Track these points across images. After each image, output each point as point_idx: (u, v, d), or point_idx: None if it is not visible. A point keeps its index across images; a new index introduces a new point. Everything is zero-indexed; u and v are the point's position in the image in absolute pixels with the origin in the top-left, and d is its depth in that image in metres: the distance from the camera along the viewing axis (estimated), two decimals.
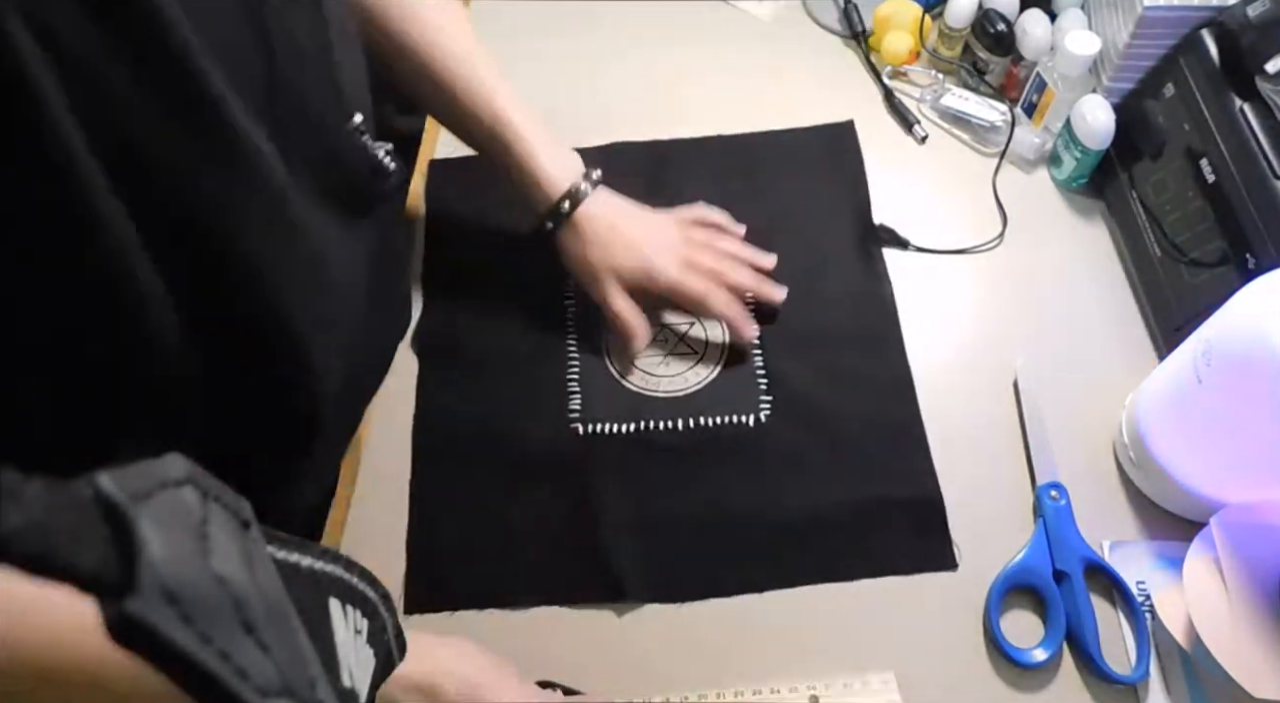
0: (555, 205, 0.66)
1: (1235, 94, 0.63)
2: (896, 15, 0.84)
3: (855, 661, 0.58)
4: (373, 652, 0.32)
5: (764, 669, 0.58)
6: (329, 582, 0.28)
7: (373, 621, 0.32)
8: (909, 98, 0.84)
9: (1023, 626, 0.59)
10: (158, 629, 0.20)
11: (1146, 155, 0.71)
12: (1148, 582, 0.60)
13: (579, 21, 0.89)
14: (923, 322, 0.72)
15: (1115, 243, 0.75)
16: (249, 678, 0.22)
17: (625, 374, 0.69)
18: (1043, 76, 0.77)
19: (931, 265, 0.75)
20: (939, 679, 0.58)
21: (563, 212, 0.66)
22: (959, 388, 0.68)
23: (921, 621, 0.60)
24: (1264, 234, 0.59)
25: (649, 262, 0.67)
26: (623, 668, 0.58)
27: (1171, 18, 0.68)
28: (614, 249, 0.67)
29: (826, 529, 0.62)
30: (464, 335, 0.71)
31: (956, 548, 0.62)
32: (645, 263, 0.67)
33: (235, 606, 0.23)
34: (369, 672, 0.32)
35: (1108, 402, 0.67)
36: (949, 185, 0.79)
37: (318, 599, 0.28)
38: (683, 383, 0.69)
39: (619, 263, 0.67)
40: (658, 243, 0.68)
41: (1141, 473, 0.63)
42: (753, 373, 0.69)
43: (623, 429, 0.67)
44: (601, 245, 0.67)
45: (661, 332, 0.72)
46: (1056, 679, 0.57)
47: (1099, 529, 0.62)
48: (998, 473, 0.65)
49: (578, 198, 0.66)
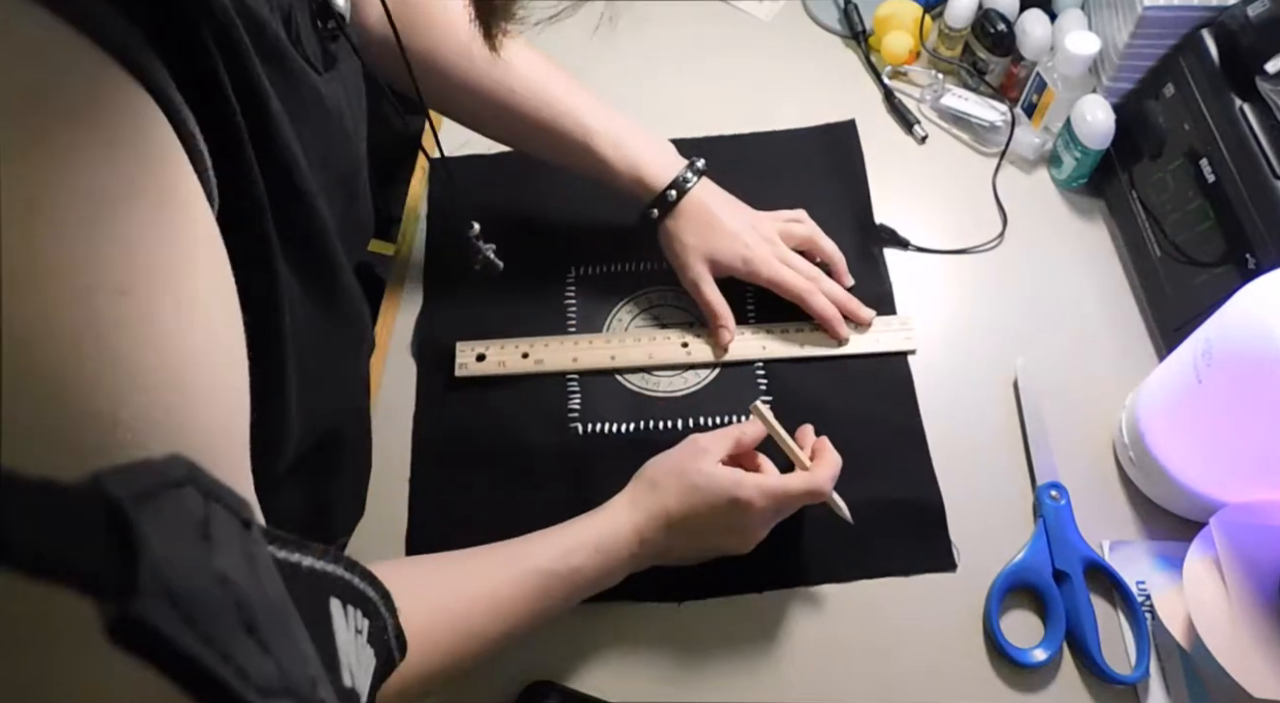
0: (661, 195, 0.68)
1: (1235, 94, 0.63)
2: (896, 15, 0.84)
3: (855, 661, 0.58)
4: (373, 652, 0.32)
5: (764, 670, 0.58)
6: (329, 582, 0.28)
7: (373, 620, 0.32)
8: (909, 98, 0.84)
9: (1023, 626, 0.59)
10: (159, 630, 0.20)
11: (1146, 155, 0.71)
12: (1148, 582, 0.60)
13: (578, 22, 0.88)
14: (923, 322, 0.72)
15: (1115, 243, 0.75)
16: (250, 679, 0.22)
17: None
18: (1043, 76, 0.77)
19: (931, 265, 0.75)
20: (939, 679, 0.58)
21: (669, 200, 0.68)
22: (959, 388, 0.68)
23: (921, 621, 0.60)
24: (1264, 234, 0.59)
25: (750, 251, 0.68)
26: (623, 668, 0.58)
27: (1171, 18, 0.68)
28: (715, 237, 0.68)
29: (826, 530, 0.62)
30: (464, 334, 0.71)
31: (956, 550, 0.62)
32: (746, 252, 0.68)
33: (236, 606, 0.23)
34: (369, 672, 0.32)
35: (1108, 402, 0.67)
36: (949, 185, 0.79)
37: (318, 599, 0.28)
38: (683, 383, 0.69)
39: (716, 250, 0.68)
40: (756, 236, 0.69)
41: (1141, 473, 0.63)
42: (752, 373, 0.69)
43: (623, 429, 0.67)
44: (702, 234, 0.68)
45: (663, 330, 0.72)
46: (1056, 679, 0.57)
47: (1099, 529, 0.62)
48: (998, 473, 0.65)
49: (684, 187, 0.68)
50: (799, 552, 0.62)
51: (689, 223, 0.69)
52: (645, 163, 0.68)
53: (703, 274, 0.69)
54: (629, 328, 0.72)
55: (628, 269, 0.75)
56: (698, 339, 0.70)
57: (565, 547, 0.54)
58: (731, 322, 0.70)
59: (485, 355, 0.69)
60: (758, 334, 0.70)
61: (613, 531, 0.55)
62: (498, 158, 0.78)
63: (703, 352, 0.70)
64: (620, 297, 0.74)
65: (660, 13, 0.90)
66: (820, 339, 0.70)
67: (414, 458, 0.66)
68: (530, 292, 0.73)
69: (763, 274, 0.68)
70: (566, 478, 0.65)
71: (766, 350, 0.70)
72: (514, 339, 0.70)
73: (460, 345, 0.70)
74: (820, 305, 0.69)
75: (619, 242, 0.75)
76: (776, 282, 0.69)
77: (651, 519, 0.56)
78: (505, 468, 0.66)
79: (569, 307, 0.73)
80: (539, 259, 0.74)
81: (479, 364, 0.69)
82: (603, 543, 0.55)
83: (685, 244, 0.69)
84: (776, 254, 0.70)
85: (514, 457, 0.66)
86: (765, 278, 0.69)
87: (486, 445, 0.67)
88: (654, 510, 0.56)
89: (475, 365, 0.69)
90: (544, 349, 0.70)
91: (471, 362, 0.69)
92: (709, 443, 0.58)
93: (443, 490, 0.65)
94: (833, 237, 0.75)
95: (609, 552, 0.55)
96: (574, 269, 0.75)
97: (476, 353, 0.69)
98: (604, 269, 0.75)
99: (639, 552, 0.56)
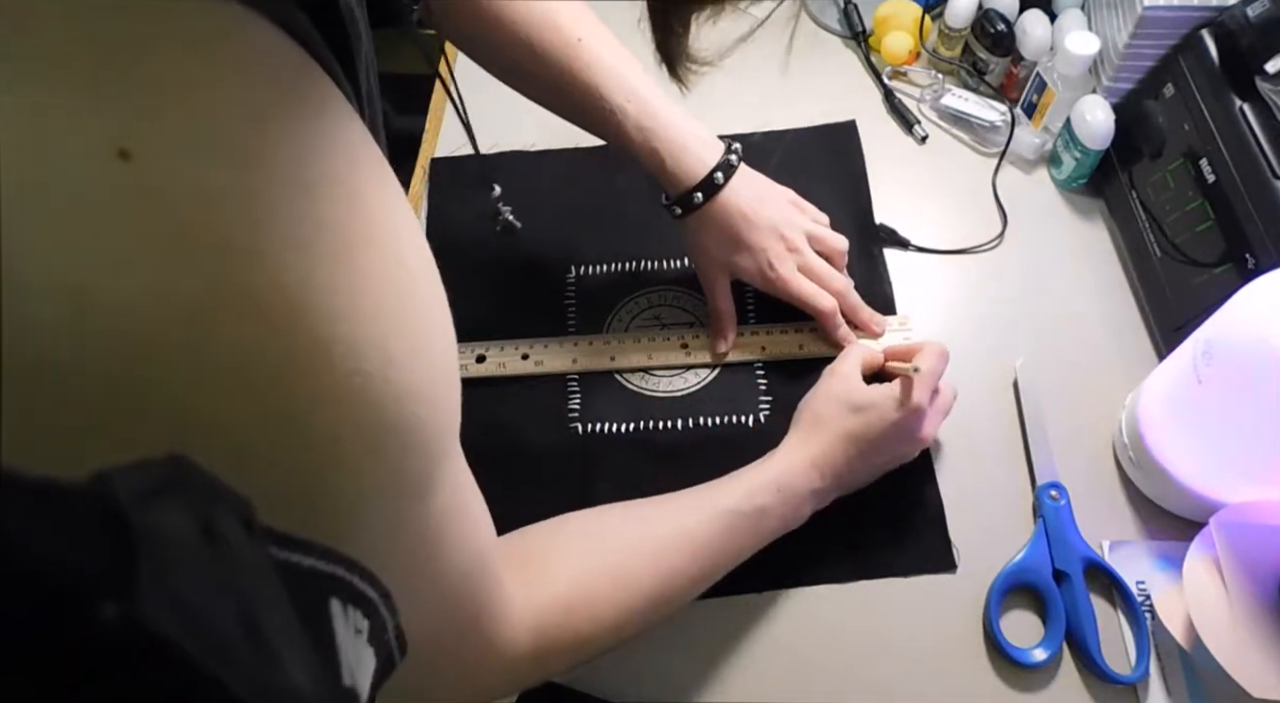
0: (687, 194, 0.65)
1: (1235, 94, 0.63)
2: (896, 15, 0.84)
3: (855, 661, 0.58)
4: (373, 652, 0.32)
5: (764, 669, 0.58)
6: (329, 582, 0.28)
7: (373, 620, 0.32)
8: (909, 98, 0.84)
9: (1023, 626, 0.59)
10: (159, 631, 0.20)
11: (1146, 155, 0.71)
12: (1148, 582, 0.60)
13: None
14: (923, 322, 0.72)
15: (1115, 243, 0.75)
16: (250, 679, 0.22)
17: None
18: (1043, 76, 0.77)
19: (931, 265, 0.75)
20: (939, 679, 0.58)
21: (694, 202, 0.65)
22: (959, 388, 0.68)
23: (921, 621, 0.60)
24: (1264, 234, 0.59)
25: (773, 269, 0.66)
26: (622, 668, 0.58)
27: (1171, 18, 0.68)
28: (738, 250, 0.66)
29: (825, 530, 0.62)
30: (463, 335, 0.71)
31: (956, 550, 0.62)
32: (768, 271, 0.66)
33: (237, 606, 0.23)
34: (369, 672, 0.32)
35: (1108, 402, 0.67)
36: (949, 185, 0.79)
37: (318, 599, 0.28)
38: (682, 383, 0.69)
39: (737, 265, 0.67)
40: (781, 248, 0.67)
41: (1141, 473, 0.63)
42: (752, 373, 0.69)
43: (623, 429, 0.67)
44: (725, 244, 0.66)
45: (663, 331, 0.71)
46: (1056, 679, 0.57)
47: (1099, 529, 0.62)
48: (998, 473, 0.65)
49: (712, 189, 0.65)
50: (799, 553, 0.62)
51: (713, 229, 0.66)
52: (671, 155, 0.64)
53: (719, 282, 0.68)
54: (629, 328, 0.72)
55: (628, 269, 0.75)
56: (697, 340, 0.70)
57: (748, 488, 0.56)
58: (732, 334, 0.69)
59: (485, 356, 0.69)
60: (757, 334, 0.70)
61: (789, 469, 0.57)
62: (498, 157, 0.79)
63: (703, 353, 0.70)
64: (621, 296, 0.74)
65: None
66: (822, 343, 0.70)
67: None
68: (530, 291, 0.73)
69: (783, 292, 0.67)
70: (566, 478, 0.65)
71: (766, 351, 0.70)
72: (514, 340, 0.70)
73: (459, 347, 0.69)
74: (838, 335, 0.68)
75: (619, 241, 0.75)
76: (798, 300, 0.67)
77: (828, 449, 0.58)
78: (505, 468, 0.66)
79: (569, 306, 0.73)
80: (539, 258, 0.74)
81: (479, 366, 0.69)
82: (783, 482, 0.57)
83: (706, 250, 0.67)
84: (801, 264, 0.67)
85: (514, 456, 0.66)
86: (785, 295, 0.67)
87: (486, 445, 0.67)
88: (828, 440, 0.58)
89: (475, 367, 0.69)
90: (544, 350, 0.70)
91: (472, 363, 0.69)
92: (848, 369, 0.62)
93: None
94: None
95: (790, 490, 0.57)
96: (574, 268, 0.75)
97: (476, 354, 0.69)
98: (604, 269, 0.75)
99: (820, 486, 0.58)
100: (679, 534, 0.53)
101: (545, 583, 0.48)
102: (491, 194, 0.65)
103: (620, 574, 0.50)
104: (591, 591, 0.49)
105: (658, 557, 0.52)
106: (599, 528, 0.53)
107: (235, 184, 0.22)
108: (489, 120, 0.77)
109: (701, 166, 0.64)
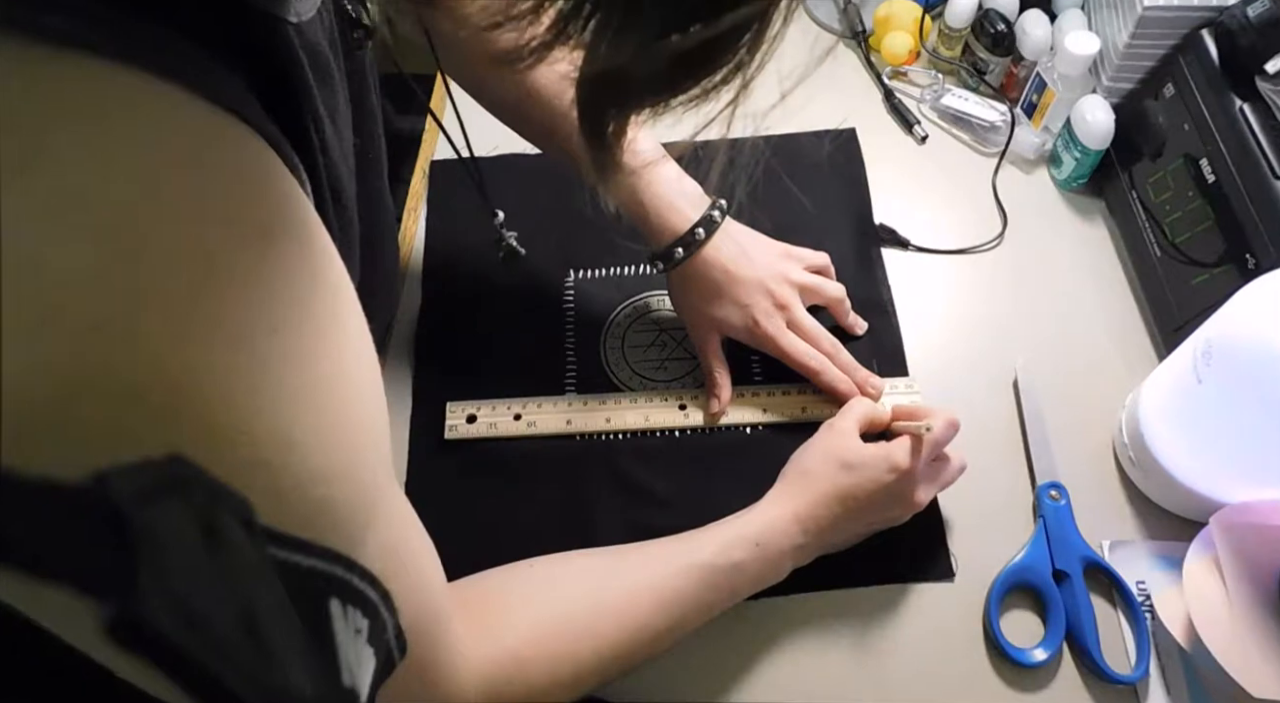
0: (668, 249, 0.64)
1: (1235, 94, 0.63)
2: (896, 15, 0.84)
3: (854, 660, 0.58)
4: (373, 652, 0.32)
5: (763, 669, 0.58)
6: (329, 582, 0.28)
7: (373, 621, 0.32)
8: (909, 98, 0.84)
9: (1023, 626, 0.59)
10: (159, 630, 0.20)
11: (1146, 155, 0.71)
12: (1148, 582, 0.60)
13: None
14: (923, 322, 0.72)
15: (1115, 243, 0.75)
16: (250, 678, 0.22)
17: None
18: (1043, 76, 0.77)
19: (931, 265, 0.75)
20: (939, 680, 0.58)
21: (676, 258, 0.63)
22: (959, 388, 0.68)
23: (921, 621, 0.60)
24: (1264, 234, 0.59)
25: (760, 326, 0.65)
26: None
27: (1171, 18, 0.68)
28: (722, 305, 0.65)
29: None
30: (463, 336, 0.71)
31: (954, 558, 0.61)
32: (754, 327, 0.65)
33: (236, 606, 0.23)
34: (369, 672, 0.32)
35: (1108, 402, 0.67)
36: (949, 185, 0.79)
37: (318, 599, 0.28)
38: (681, 386, 0.69)
39: (722, 321, 0.65)
40: (769, 304, 0.65)
41: (1141, 473, 0.63)
42: (751, 376, 0.69)
43: (621, 435, 0.67)
44: (709, 299, 0.65)
45: (660, 336, 0.71)
46: (1056, 679, 0.57)
47: (1099, 529, 0.62)
48: (998, 473, 0.65)
49: (693, 245, 0.63)
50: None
51: (696, 284, 0.64)
52: (656, 210, 0.63)
53: (708, 340, 0.66)
54: (627, 332, 0.72)
55: (627, 273, 0.75)
56: (695, 400, 0.68)
57: (725, 542, 0.54)
58: (727, 393, 0.66)
59: (476, 417, 0.67)
60: (759, 395, 0.67)
61: (770, 524, 0.55)
62: (495, 161, 0.78)
63: (700, 415, 0.67)
64: (619, 300, 0.73)
65: None
66: (825, 405, 0.66)
67: (410, 458, 0.66)
68: (529, 293, 0.73)
69: (771, 349, 0.66)
70: (564, 479, 0.65)
71: (767, 413, 0.67)
72: (505, 400, 0.68)
73: (450, 406, 0.67)
74: (831, 381, 0.65)
75: (618, 245, 0.75)
76: (786, 356, 0.65)
77: (813, 506, 0.56)
78: (503, 469, 0.66)
79: (567, 309, 0.73)
80: (537, 262, 0.74)
81: (469, 426, 0.67)
82: (763, 537, 0.54)
83: (692, 307, 0.66)
84: (790, 319, 0.66)
85: (512, 457, 0.66)
86: (774, 351, 0.66)
87: (484, 446, 0.67)
88: (815, 496, 0.56)
89: (465, 428, 0.67)
90: (536, 410, 0.67)
91: (462, 424, 0.67)
92: (847, 425, 0.59)
93: (440, 491, 0.65)
94: (833, 241, 0.74)
95: (769, 545, 0.54)
96: (573, 272, 0.75)
97: (467, 414, 0.67)
98: (603, 273, 0.75)
99: (802, 542, 0.56)
100: (645, 586, 0.51)
101: (500, 633, 0.46)
102: (495, 219, 0.64)
103: (580, 626, 0.48)
104: (549, 642, 0.48)
105: (621, 610, 0.50)
106: (562, 576, 0.52)
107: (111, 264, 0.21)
108: (489, 120, 0.77)
109: (684, 222, 0.63)
